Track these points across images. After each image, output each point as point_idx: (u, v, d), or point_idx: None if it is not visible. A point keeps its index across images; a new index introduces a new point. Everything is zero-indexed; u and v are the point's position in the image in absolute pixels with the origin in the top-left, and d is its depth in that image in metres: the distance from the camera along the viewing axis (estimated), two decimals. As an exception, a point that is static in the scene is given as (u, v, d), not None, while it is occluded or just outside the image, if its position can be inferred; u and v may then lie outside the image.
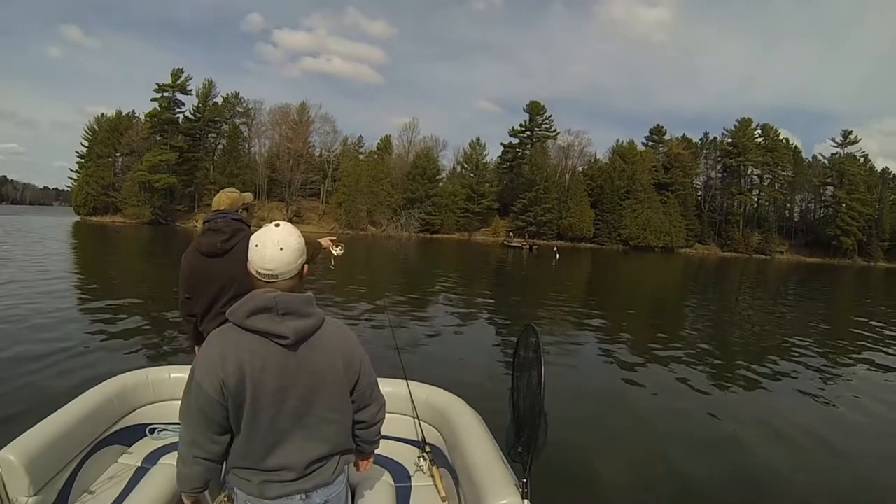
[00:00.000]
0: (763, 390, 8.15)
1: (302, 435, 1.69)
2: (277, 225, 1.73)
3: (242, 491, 1.72)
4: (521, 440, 2.40)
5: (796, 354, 10.67)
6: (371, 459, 2.15)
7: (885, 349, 11.80)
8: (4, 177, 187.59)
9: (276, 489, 1.68)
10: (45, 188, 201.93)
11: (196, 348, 3.03)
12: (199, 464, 1.68)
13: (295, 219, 67.31)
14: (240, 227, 2.95)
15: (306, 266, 1.77)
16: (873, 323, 16.27)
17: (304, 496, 1.71)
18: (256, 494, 1.69)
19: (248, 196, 3.19)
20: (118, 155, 69.01)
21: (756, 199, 79.88)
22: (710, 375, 8.77)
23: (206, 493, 3.12)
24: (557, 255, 43.20)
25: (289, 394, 1.64)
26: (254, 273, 1.69)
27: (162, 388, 3.40)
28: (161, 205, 66.05)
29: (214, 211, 3.02)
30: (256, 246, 1.68)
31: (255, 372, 1.60)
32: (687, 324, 15.12)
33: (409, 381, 3.32)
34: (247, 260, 2.79)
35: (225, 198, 3.05)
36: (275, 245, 1.66)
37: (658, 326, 14.07)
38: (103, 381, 3.22)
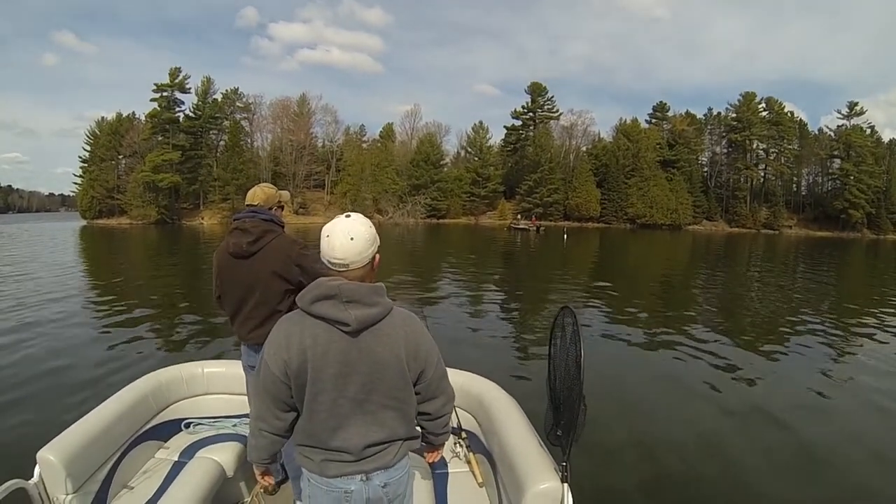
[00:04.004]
0: (793, 362, 8.27)
1: (363, 420, 1.73)
2: (348, 216, 1.75)
3: (305, 468, 1.79)
4: (560, 423, 2.40)
5: (816, 325, 10.69)
6: (439, 451, 2.17)
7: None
8: (9, 186, 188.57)
9: (335, 468, 1.73)
10: (51, 195, 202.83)
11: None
12: (264, 437, 1.80)
13: (301, 210, 67.46)
14: (269, 229, 2.88)
15: (378, 256, 1.80)
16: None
17: (364, 477, 1.74)
18: (318, 472, 1.75)
19: (285, 195, 3.14)
20: (121, 157, 68.94)
21: (762, 174, 79.20)
22: (735, 347, 8.88)
23: (243, 483, 3.19)
24: (566, 236, 43.08)
25: (349, 380, 1.68)
26: (326, 262, 1.72)
27: (195, 384, 3.44)
28: (166, 204, 65.99)
29: (248, 205, 2.97)
30: (327, 237, 1.71)
31: (317, 356, 1.66)
32: (700, 299, 15.13)
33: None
34: (273, 263, 2.82)
35: (260, 192, 2.99)
36: (344, 235, 1.69)
37: (672, 302, 14.08)
38: (138, 378, 3.25)
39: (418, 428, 1.93)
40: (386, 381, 1.72)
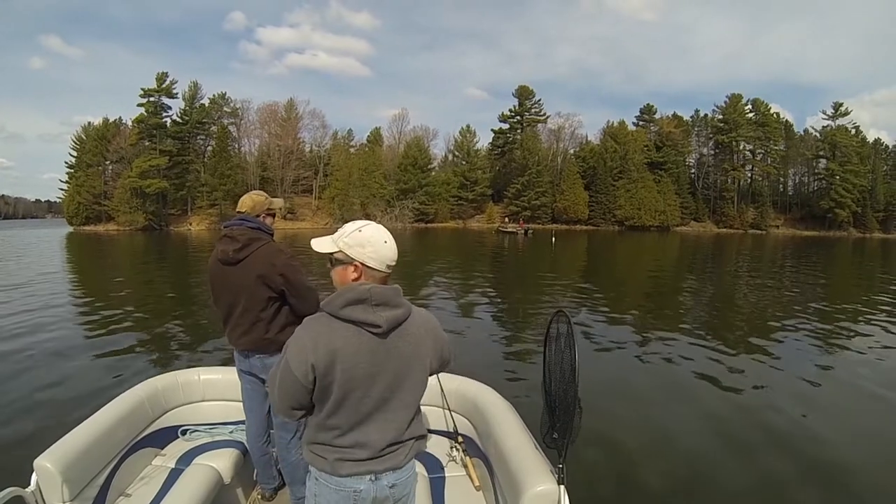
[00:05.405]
0: (787, 354, 8.46)
1: (383, 418, 1.76)
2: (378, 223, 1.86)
3: (315, 467, 1.81)
4: (555, 426, 2.41)
5: (804, 321, 10.78)
6: None
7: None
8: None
9: (348, 467, 1.75)
10: (37, 201, 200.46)
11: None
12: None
13: (289, 216, 67.18)
14: (256, 237, 2.89)
15: None
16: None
17: (373, 477, 1.76)
18: (329, 471, 1.76)
19: (277, 202, 3.14)
20: (108, 163, 68.34)
21: (749, 175, 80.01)
22: (728, 344, 8.97)
23: (240, 490, 3.19)
24: (554, 239, 43.14)
25: (377, 379, 1.72)
26: (381, 268, 1.78)
27: (192, 390, 3.42)
28: (154, 210, 65.40)
29: (237, 212, 2.98)
30: (385, 242, 1.79)
31: (347, 358, 1.68)
32: (691, 300, 15.18)
33: (438, 373, 3.33)
34: (257, 271, 2.83)
35: (248, 199, 2.99)
36: (393, 239, 1.82)
37: (664, 302, 14.18)
38: (134, 385, 3.24)
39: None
40: (410, 379, 1.77)
